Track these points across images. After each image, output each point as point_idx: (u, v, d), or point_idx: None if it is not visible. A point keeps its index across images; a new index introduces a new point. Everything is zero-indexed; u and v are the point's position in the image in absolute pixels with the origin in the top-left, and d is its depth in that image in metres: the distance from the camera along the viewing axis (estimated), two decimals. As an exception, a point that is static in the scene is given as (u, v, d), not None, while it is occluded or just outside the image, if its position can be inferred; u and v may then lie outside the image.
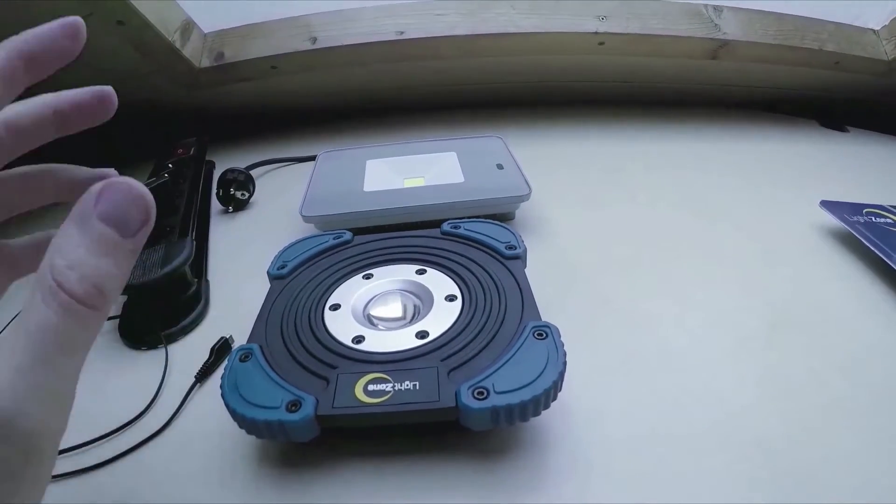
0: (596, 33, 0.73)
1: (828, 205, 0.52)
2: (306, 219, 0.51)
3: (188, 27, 0.72)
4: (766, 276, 0.46)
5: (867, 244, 0.46)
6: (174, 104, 0.84)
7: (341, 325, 0.33)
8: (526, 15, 0.73)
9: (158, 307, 0.44)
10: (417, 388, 0.28)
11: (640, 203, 0.59)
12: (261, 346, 0.32)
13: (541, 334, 0.31)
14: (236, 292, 0.48)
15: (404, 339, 0.32)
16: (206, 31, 0.76)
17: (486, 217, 0.53)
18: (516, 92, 0.93)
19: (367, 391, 0.28)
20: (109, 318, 0.45)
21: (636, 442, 0.31)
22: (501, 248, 0.39)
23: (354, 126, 0.90)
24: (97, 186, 0.18)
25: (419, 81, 0.87)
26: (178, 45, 0.69)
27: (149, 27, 0.64)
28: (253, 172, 0.65)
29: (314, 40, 0.74)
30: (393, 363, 0.30)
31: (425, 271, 0.38)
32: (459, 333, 0.32)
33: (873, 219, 0.50)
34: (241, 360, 0.31)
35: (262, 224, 0.59)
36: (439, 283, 0.37)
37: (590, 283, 0.46)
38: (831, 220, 0.51)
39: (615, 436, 0.32)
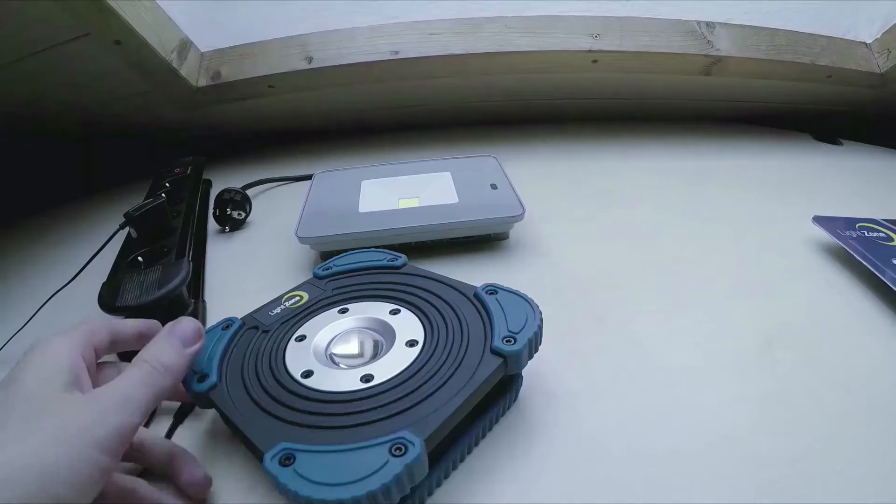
0: (590, 51, 0.74)
1: (820, 220, 0.52)
2: (302, 240, 0.51)
3: (185, 46, 0.73)
4: (759, 292, 0.46)
5: (860, 259, 0.46)
6: (171, 123, 0.84)
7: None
8: (520, 33, 0.74)
9: (155, 329, 0.44)
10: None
11: (633, 220, 0.59)
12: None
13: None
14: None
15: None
16: (203, 51, 0.77)
17: (480, 237, 0.54)
18: (510, 110, 0.94)
19: None
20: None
21: (631, 460, 0.31)
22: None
23: (350, 144, 0.90)
24: (175, 321, 0.32)
25: (414, 100, 0.87)
26: (175, 64, 0.70)
27: (146, 46, 0.64)
28: (249, 192, 0.65)
29: (310, 60, 0.75)
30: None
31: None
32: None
33: (866, 233, 0.50)
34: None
35: (259, 244, 0.60)
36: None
37: (584, 302, 0.46)
38: (824, 236, 0.51)
39: (610, 454, 0.32)
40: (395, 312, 0.37)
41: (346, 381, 0.31)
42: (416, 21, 0.74)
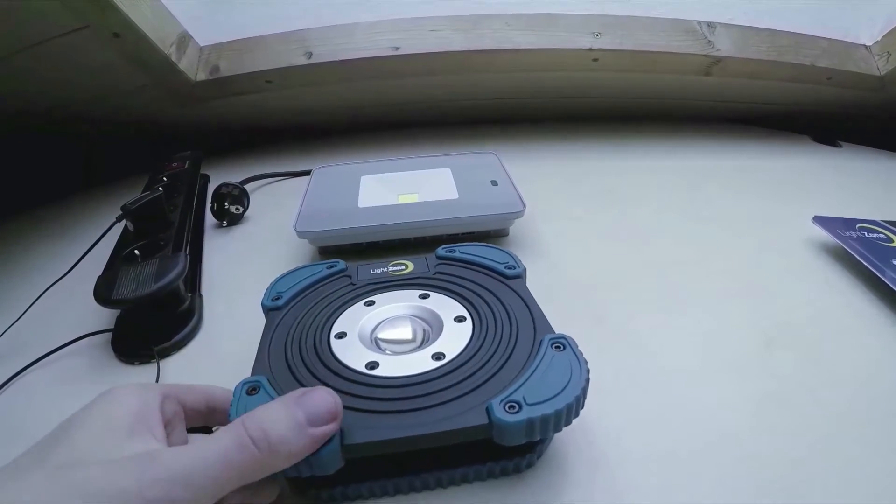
0: (590, 49, 0.74)
1: (820, 220, 0.52)
2: (300, 234, 0.51)
3: (184, 40, 0.72)
4: (760, 293, 0.46)
5: (860, 259, 0.46)
6: (169, 117, 0.84)
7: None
8: (521, 31, 0.74)
9: (151, 322, 0.44)
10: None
11: (633, 219, 0.59)
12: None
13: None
14: (230, 307, 0.48)
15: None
16: (201, 45, 0.76)
17: (480, 233, 0.53)
18: (511, 108, 0.94)
19: None
20: (102, 332, 0.45)
21: (631, 459, 0.31)
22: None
23: (349, 141, 0.90)
24: (308, 389, 0.25)
25: (414, 97, 0.87)
26: (173, 58, 0.69)
27: (145, 40, 0.64)
28: (247, 187, 0.65)
29: (309, 55, 0.74)
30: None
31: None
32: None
33: (866, 234, 0.50)
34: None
35: (257, 239, 0.59)
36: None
37: (584, 300, 0.46)
38: (824, 236, 0.51)
39: (609, 453, 0.32)
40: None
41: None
42: (417, 17, 0.74)
